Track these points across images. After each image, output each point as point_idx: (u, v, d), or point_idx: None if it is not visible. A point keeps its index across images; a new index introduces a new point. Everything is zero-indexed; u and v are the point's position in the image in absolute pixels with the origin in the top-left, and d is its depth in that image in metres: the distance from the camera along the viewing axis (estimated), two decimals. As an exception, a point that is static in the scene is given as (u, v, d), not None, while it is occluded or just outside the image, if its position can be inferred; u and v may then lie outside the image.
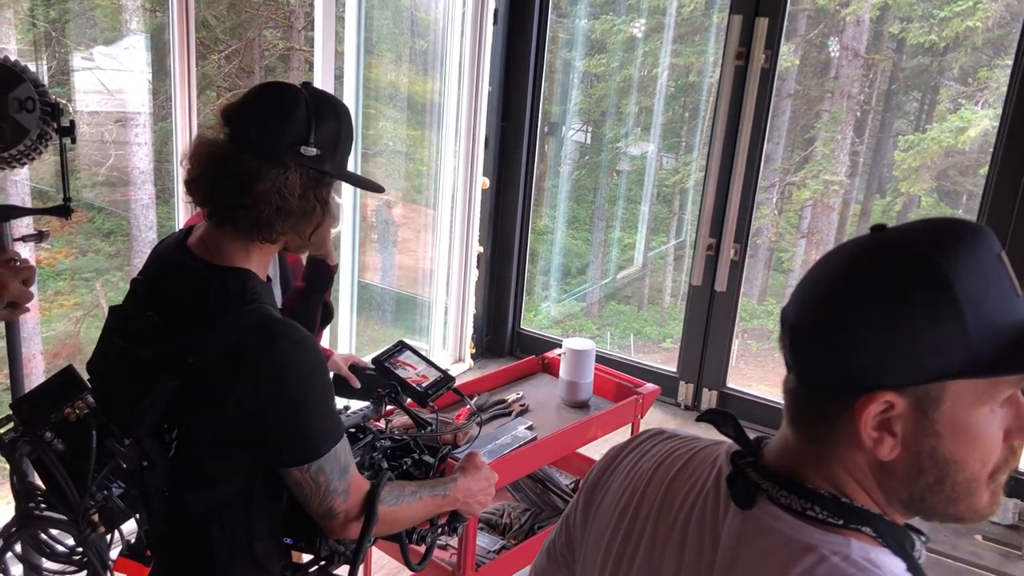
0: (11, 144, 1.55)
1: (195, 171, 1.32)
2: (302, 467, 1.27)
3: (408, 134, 4.63)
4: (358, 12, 3.48)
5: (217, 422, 1.27)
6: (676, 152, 8.98)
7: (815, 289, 0.74)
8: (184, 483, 1.33)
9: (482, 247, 4.17)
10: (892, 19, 8.49)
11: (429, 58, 4.15)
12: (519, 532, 2.45)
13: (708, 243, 3.77)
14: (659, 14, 8.23)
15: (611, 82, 8.51)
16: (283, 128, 1.29)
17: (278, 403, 1.25)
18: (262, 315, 1.27)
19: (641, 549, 0.85)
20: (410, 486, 1.47)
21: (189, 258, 1.34)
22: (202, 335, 1.25)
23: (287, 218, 1.30)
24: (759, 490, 0.77)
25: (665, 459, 0.90)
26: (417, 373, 1.83)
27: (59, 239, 5.52)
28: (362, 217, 4.15)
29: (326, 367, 1.32)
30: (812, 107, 9.07)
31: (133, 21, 5.87)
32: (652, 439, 0.96)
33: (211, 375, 1.25)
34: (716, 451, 0.87)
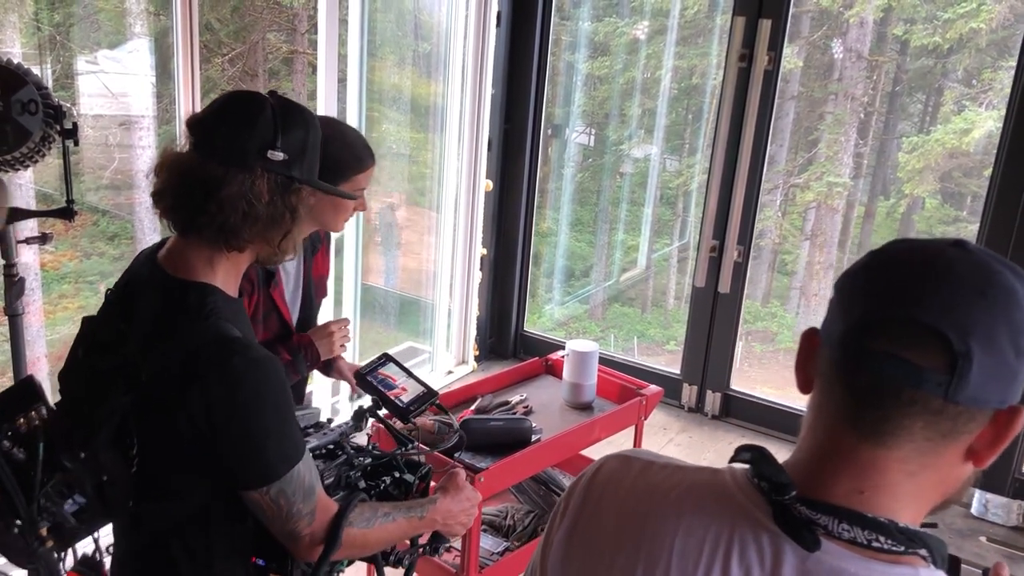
0: (14, 147, 1.55)
1: (160, 182, 1.29)
2: (260, 490, 1.24)
3: (412, 137, 4.63)
4: (361, 15, 3.48)
5: (170, 439, 1.24)
6: (680, 154, 8.98)
7: (982, 304, 0.69)
8: (145, 497, 1.30)
9: (485, 249, 4.18)
10: (896, 21, 8.48)
11: (432, 61, 4.15)
12: (523, 534, 2.44)
13: (712, 244, 3.76)
14: (662, 16, 8.24)
15: (614, 84, 8.52)
16: (249, 133, 1.27)
17: (231, 424, 1.21)
18: (217, 331, 1.24)
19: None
20: (384, 507, 1.42)
21: (155, 270, 1.31)
22: (157, 349, 1.23)
23: (254, 224, 1.27)
24: (814, 526, 0.72)
25: (657, 496, 0.81)
26: (399, 386, 1.76)
27: (63, 242, 5.54)
28: (366, 220, 4.16)
29: (286, 385, 1.28)
30: (816, 109, 9.06)
31: (137, 25, 5.89)
32: (624, 470, 0.85)
33: (164, 391, 1.22)
34: (720, 485, 0.79)
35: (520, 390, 2.67)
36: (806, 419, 0.78)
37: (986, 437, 0.71)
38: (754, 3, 3.50)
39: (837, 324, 0.74)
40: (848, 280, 0.76)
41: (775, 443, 3.77)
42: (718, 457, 3.66)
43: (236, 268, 1.34)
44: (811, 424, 0.77)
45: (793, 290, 9.25)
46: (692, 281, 3.92)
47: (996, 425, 0.71)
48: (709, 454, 3.69)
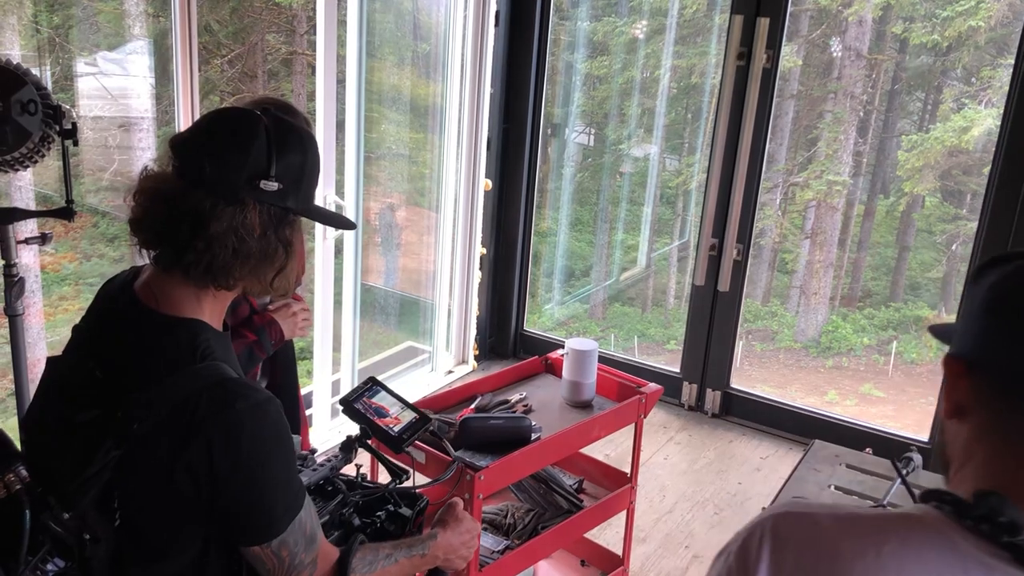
0: (14, 147, 1.55)
1: (139, 209, 1.16)
2: (262, 544, 1.16)
3: (411, 137, 4.63)
4: (359, 16, 3.48)
5: (164, 495, 1.13)
6: (679, 154, 8.98)
7: None
8: (130, 558, 1.19)
9: (485, 248, 4.18)
10: (895, 19, 8.49)
11: (431, 61, 4.16)
12: (523, 532, 2.44)
13: (711, 243, 3.76)
14: (661, 15, 8.24)
15: (613, 84, 8.52)
16: (240, 160, 1.14)
17: (234, 475, 1.11)
18: (215, 374, 1.13)
19: None
20: (384, 548, 1.34)
21: (133, 306, 1.19)
22: (147, 397, 1.11)
23: (245, 262, 1.16)
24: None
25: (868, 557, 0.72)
26: (391, 415, 1.63)
27: (63, 244, 5.55)
28: (365, 220, 4.16)
29: (287, 428, 1.19)
30: (815, 107, 9.07)
31: (136, 26, 5.89)
32: (804, 526, 0.77)
33: (158, 442, 1.10)
34: (918, 525, 0.73)
35: (520, 389, 2.68)
36: (965, 444, 0.76)
37: None
38: (752, 2, 3.50)
39: (1014, 351, 0.73)
40: (1004, 303, 0.74)
41: (775, 441, 3.78)
42: (718, 456, 3.66)
43: (222, 303, 1.24)
44: (990, 449, 0.74)
45: (793, 289, 9.25)
46: (692, 280, 3.92)
47: None
48: (709, 452, 3.69)
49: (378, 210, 4.64)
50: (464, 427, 2.28)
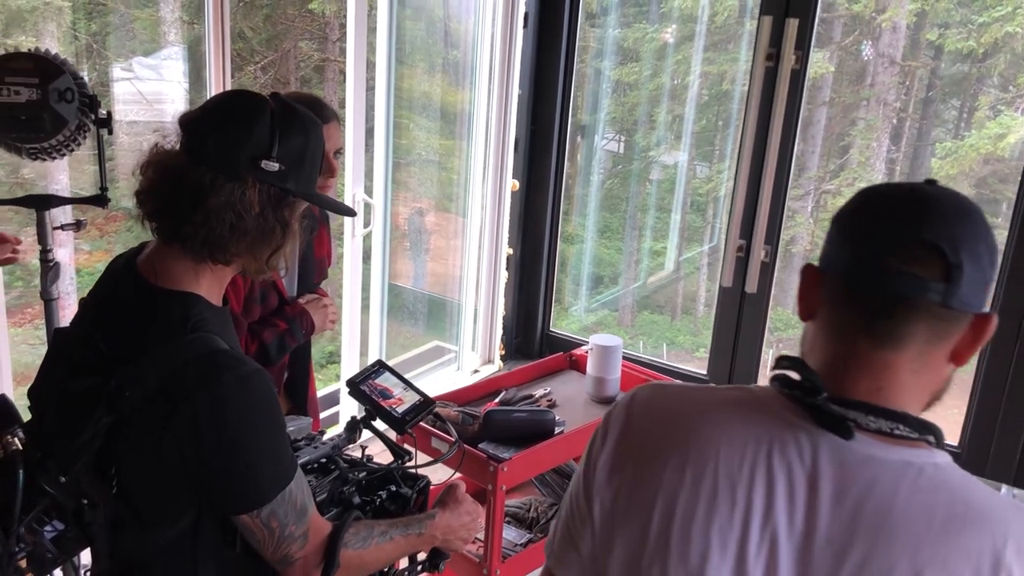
0: (51, 134, 1.60)
1: (145, 181, 1.21)
2: (251, 513, 1.17)
3: (440, 144, 4.67)
4: (389, 23, 3.53)
5: (155, 462, 1.16)
6: (710, 161, 8.94)
7: (964, 225, 0.84)
8: (126, 524, 1.22)
9: (512, 249, 4.20)
10: (929, 25, 8.39)
11: (461, 68, 4.20)
12: (546, 526, 2.45)
13: (738, 244, 3.75)
14: (691, 22, 8.23)
15: (643, 91, 8.51)
16: (243, 139, 1.18)
17: (219, 446, 1.14)
18: (204, 346, 1.16)
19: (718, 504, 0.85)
20: (379, 526, 1.36)
21: (133, 279, 1.23)
22: (139, 366, 1.14)
23: (242, 238, 1.19)
24: (847, 420, 0.83)
25: (699, 409, 0.91)
26: (396, 396, 1.66)
27: (98, 243, 5.66)
28: (394, 225, 4.20)
29: (276, 400, 1.22)
30: (847, 114, 8.99)
31: (171, 33, 6.01)
32: (660, 392, 0.96)
33: (147, 411, 1.14)
34: (754, 397, 0.90)
35: (544, 384, 2.69)
36: (812, 338, 0.91)
37: (967, 340, 0.86)
38: (781, 2, 3.49)
39: (843, 253, 0.87)
40: (849, 217, 0.89)
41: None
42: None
43: (221, 278, 1.27)
44: (824, 340, 0.89)
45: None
46: (719, 281, 3.90)
47: (975, 329, 0.85)
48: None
49: (407, 215, 4.68)
50: (488, 419, 2.30)
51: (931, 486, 0.81)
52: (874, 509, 0.80)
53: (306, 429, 1.62)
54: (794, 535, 0.82)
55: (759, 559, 0.82)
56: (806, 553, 0.81)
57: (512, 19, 3.87)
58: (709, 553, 0.84)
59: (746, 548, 0.83)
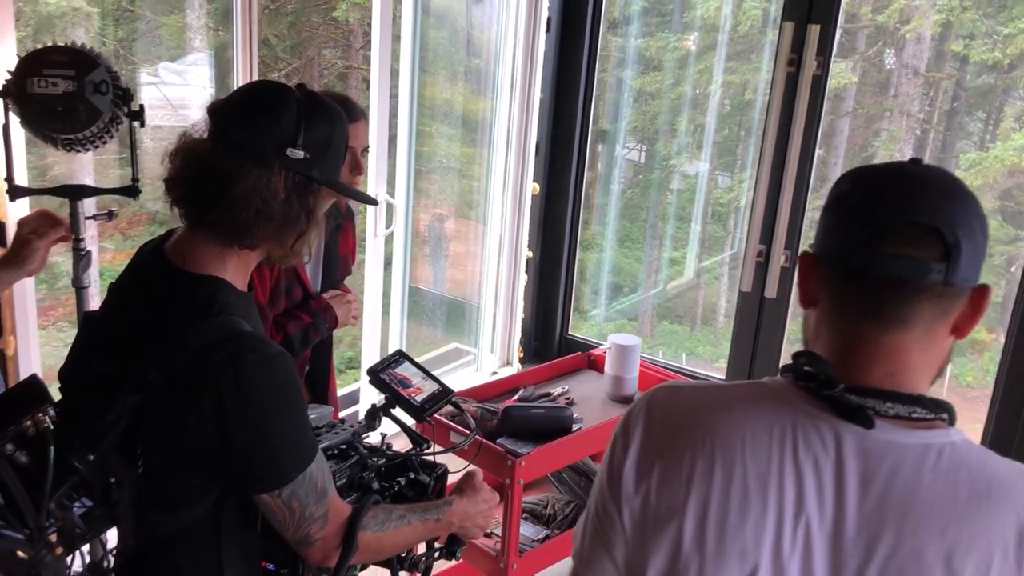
0: (86, 125, 1.65)
1: (174, 168, 1.24)
2: (272, 493, 1.20)
3: (462, 151, 4.70)
4: (413, 32, 3.57)
5: (179, 442, 1.19)
6: (731, 171, 8.92)
7: (956, 203, 0.86)
8: (150, 503, 1.25)
9: (531, 252, 4.22)
10: (954, 36, 8.35)
11: (483, 76, 4.23)
12: (563, 522, 2.47)
13: (758, 249, 3.75)
14: (714, 31, 8.23)
15: (664, 100, 8.52)
16: (269, 127, 1.21)
17: (242, 426, 1.16)
18: (229, 328, 1.18)
19: (751, 504, 0.85)
20: (398, 510, 1.38)
21: (161, 263, 1.25)
22: (165, 348, 1.17)
23: (267, 224, 1.22)
24: (866, 409, 0.84)
25: (718, 408, 0.91)
26: (415, 385, 1.69)
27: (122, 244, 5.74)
28: (415, 232, 4.24)
29: (298, 383, 1.24)
30: (870, 125, 8.95)
31: (197, 39, 6.11)
32: (676, 393, 0.96)
33: (172, 391, 1.16)
34: (769, 391, 0.91)
35: (562, 383, 2.71)
36: (816, 325, 0.93)
37: (967, 313, 0.88)
38: (803, 8, 3.51)
39: (838, 240, 0.88)
40: (839, 203, 0.90)
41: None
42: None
43: (246, 264, 1.30)
44: (828, 327, 0.90)
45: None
46: (739, 286, 3.91)
47: (973, 302, 0.87)
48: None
49: (427, 221, 4.72)
50: (506, 415, 2.32)
51: (951, 467, 0.83)
52: (899, 495, 0.82)
53: (327, 417, 1.66)
54: (825, 526, 0.83)
55: (794, 553, 0.84)
56: (838, 543, 0.83)
57: (535, 24, 3.91)
58: (746, 551, 0.85)
59: (781, 543, 0.84)
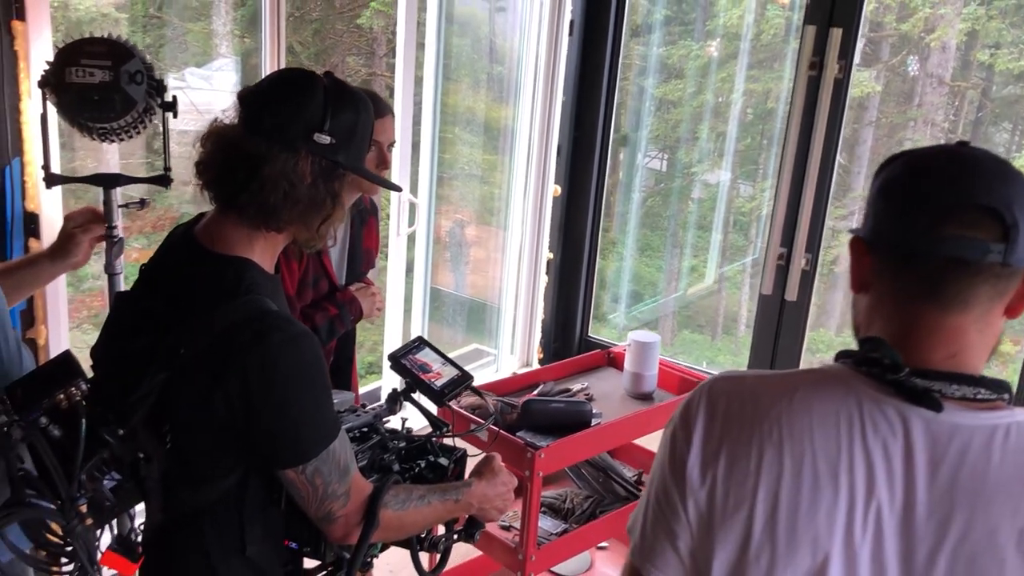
0: (121, 114, 1.70)
1: (205, 153, 1.28)
2: (296, 468, 1.23)
3: (484, 159, 4.74)
4: (437, 40, 3.62)
5: (205, 419, 1.22)
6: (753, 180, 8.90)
7: (1010, 184, 0.86)
8: (177, 479, 1.29)
9: (551, 253, 4.25)
10: (980, 46, 8.29)
11: (506, 83, 4.27)
12: (581, 517, 2.48)
13: (779, 252, 3.76)
14: (736, 39, 8.23)
15: (686, 108, 8.52)
16: (297, 113, 1.24)
17: (267, 402, 1.19)
18: (256, 307, 1.21)
19: (822, 490, 0.86)
20: (418, 490, 1.40)
21: (191, 245, 1.29)
22: (193, 326, 1.20)
23: (294, 206, 1.25)
24: (932, 392, 0.85)
25: (782, 397, 0.90)
26: (435, 371, 1.72)
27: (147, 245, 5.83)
28: (436, 237, 4.27)
29: (323, 362, 1.27)
30: (894, 134, 8.90)
31: (223, 45, 6.20)
32: (737, 382, 0.96)
33: (199, 368, 1.20)
34: (832, 378, 0.90)
35: (582, 379, 2.73)
36: (869, 310, 0.93)
37: (1020, 292, 0.88)
38: (825, 11, 3.52)
39: (894, 224, 0.89)
40: (892, 187, 0.91)
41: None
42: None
43: (273, 247, 1.33)
44: (885, 310, 0.91)
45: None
46: (759, 289, 3.91)
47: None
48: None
49: (449, 227, 4.76)
50: (526, 408, 2.35)
51: (1020, 446, 0.84)
52: (969, 476, 0.83)
53: (348, 402, 1.69)
54: (895, 510, 0.84)
55: (866, 538, 0.84)
56: (909, 526, 0.83)
57: (558, 26, 3.94)
58: (818, 538, 0.85)
59: (853, 527, 0.84)
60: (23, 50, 2.22)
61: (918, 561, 0.83)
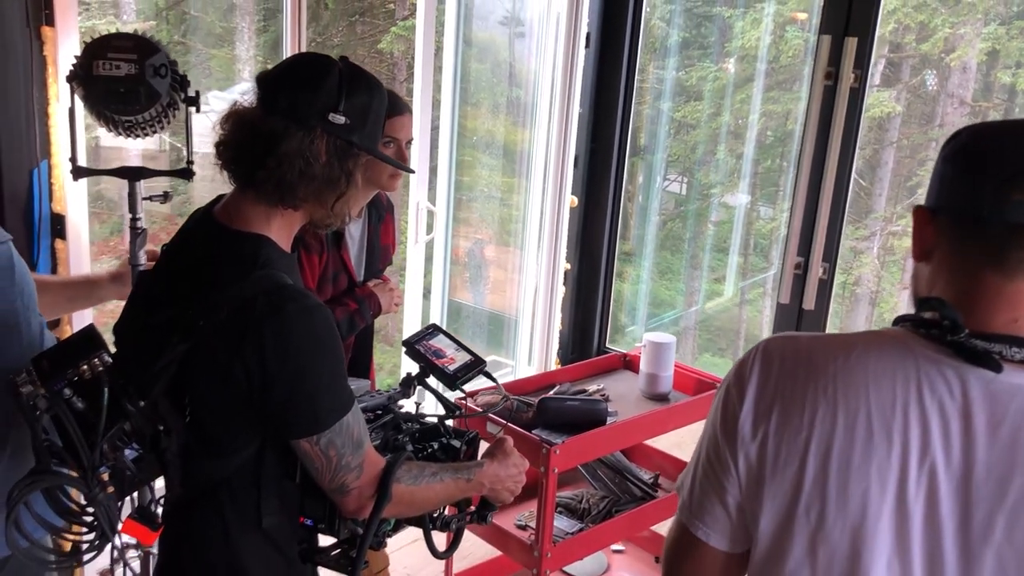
0: (145, 107, 1.75)
1: (224, 133, 1.32)
2: (311, 439, 1.25)
3: (503, 181, 4.78)
4: (455, 64, 3.69)
5: (223, 389, 1.25)
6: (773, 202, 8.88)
7: None
8: (196, 451, 1.31)
9: (569, 264, 4.27)
10: (1001, 66, 8.27)
11: (524, 106, 4.32)
12: (597, 516, 2.48)
13: (796, 261, 3.76)
14: (755, 61, 8.27)
15: (704, 129, 8.55)
16: (313, 94, 1.28)
17: (283, 371, 1.22)
18: (271, 281, 1.24)
19: (875, 445, 0.86)
20: (431, 467, 1.42)
21: (210, 223, 1.34)
22: (212, 298, 1.23)
23: (310, 183, 1.29)
24: (992, 354, 0.84)
25: (839, 355, 0.91)
26: (448, 356, 1.75)
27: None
28: (454, 257, 4.31)
29: (337, 334, 1.30)
30: (915, 155, 8.87)
31: (245, 70, 6.33)
32: (792, 342, 0.96)
33: (218, 340, 1.22)
34: (890, 338, 0.91)
35: (598, 381, 2.73)
36: (931, 277, 0.93)
37: None
38: (840, 22, 3.55)
39: (960, 191, 0.90)
40: (959, 155, 0.91)
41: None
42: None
43: (290, 225, 1.36)
44: (947, 277, 0.91)
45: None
46: (777, 298, 3.91)
47: None
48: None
49: (467, 248, 4.80)
50: (542, 406, 2.36)
51: None
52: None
53: (364, 388, 1.72)
54: (952, 469, 0.84)
55: (919, 495, 0.84)
56: (967, 485, 0.83)
57: (574, 38, 3.99)
58: (869, 493, 0.85)
59: (906, 485, 0.85)
60: (52, 55, 2.30)
61: (976, 519, 0.83)
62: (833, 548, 0.87)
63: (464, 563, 2.78)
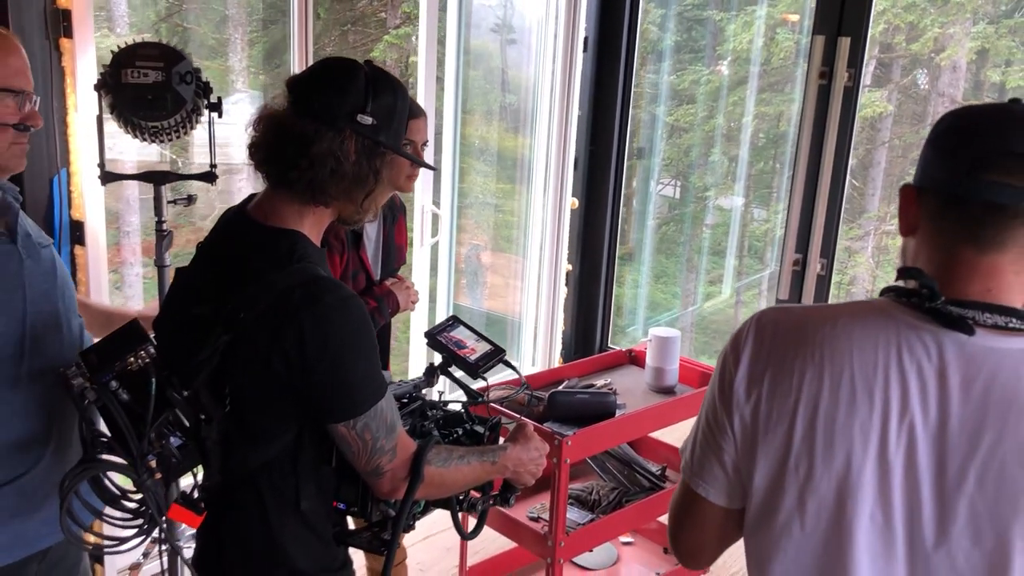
0: (171, 113, 1.82)
1: (258, 135, 1.38)
2: (347, 423, 1.30)
3: (497, 187, 4.84)
4: (456, 75, 3.76)
5: (263, 377, 1.30)
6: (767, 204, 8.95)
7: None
8: (236, 439, 1.36)
9: (570, 265, 4.34)
10: (991, 64, 8.36)
11: (520, 112, 4.39)
12: (607, 507, 2.54)
13: (794, 258, 3.83)
14: (747, 63, 8.34)
15: (698, 132, 8.61)
16: (341, 96, 1.34)
17: (321, 358, 1.27)
18: (308, 273, 1.30)
19: (858, 405, 0.94)
20: (458, 450, 1.49)
21: (245, 221, 1.40)
22: (252, 291, 1.29)
23: (340, 182, 1.35)
24: (966, 319, 0.92)
25: (826, 323, 0.98)
26: (469, 347, 1.83)
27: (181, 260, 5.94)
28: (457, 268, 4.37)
29: (371, 326, 1.35)
30: (908, 155, 8.96)
31: (239, 81, 6.37)
32: (785, 312, 1.04)
33: (259, 330, 1.28)
34: (873, 307, 0.98)
35: (605, 376, 2.80)
36: (915, 251, 1.01)
37: None
38: (833, 21, 3.63)
39: (940, 170, 0.97)
40: (940, 137, 0.99)
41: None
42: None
43: (321, 222, 1.42)
44: (928, 251, 0.99)
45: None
46: (775, 295, 3.98)
47: None
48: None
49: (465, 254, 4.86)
50: (552, 400, 2.42)
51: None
52: (1001, 393, 0.90)
53: (388, 379, 1.78)
54: (929, 424, 0.91)
55: (899, 449, 0.92)
56: (942, 439, 0.91)
57: (572, 44, 4.07)
58: (853, 448, 0.93)
59: (887, 441, 0.92)
60: (70, 66, 2.36)
61: (951, 470, 0.90)
62: (820, 500, 0.95)
63: (477, 558, 2.84)
